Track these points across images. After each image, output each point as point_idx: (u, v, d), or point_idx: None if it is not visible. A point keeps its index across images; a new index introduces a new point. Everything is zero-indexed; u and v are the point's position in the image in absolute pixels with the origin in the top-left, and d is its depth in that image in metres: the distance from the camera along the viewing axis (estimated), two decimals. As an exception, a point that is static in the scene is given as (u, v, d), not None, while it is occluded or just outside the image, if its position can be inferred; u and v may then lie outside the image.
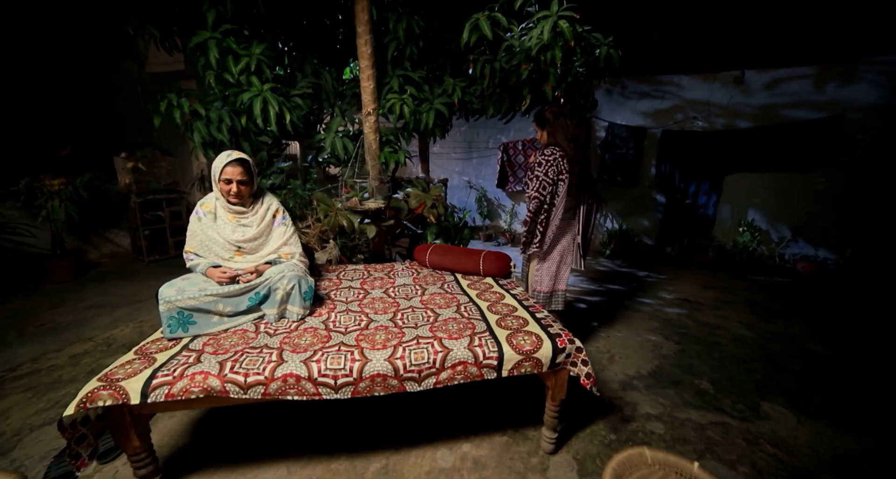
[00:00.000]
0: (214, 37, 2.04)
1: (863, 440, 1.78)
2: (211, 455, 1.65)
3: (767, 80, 4.46)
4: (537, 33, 1.80)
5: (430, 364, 1.40)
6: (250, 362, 1.34)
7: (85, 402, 1.17)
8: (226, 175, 1.67)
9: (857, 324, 3.10)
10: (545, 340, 1.51)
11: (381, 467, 1.61)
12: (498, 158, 6.07)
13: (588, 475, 1.59)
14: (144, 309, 3.14)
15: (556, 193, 2.11)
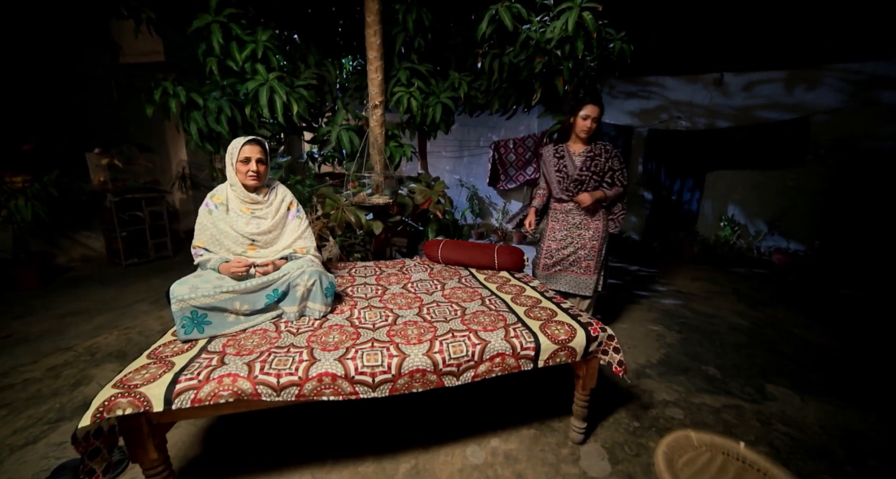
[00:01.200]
0: (218, 20, 1.91)
1: (865, 416, 1.89)
2: (225, 465, 1.54)
3: (744, 82, 4.72)
4: (561, 24, 1.81)
5: (468, 357, 1.36)
6: (280, 362, 1.26)
7: (101, 412, 1.06)
8: (244, 153, 1.58)
9: (835, 310, 3.32)
10: (578, 329, 1.51)
11: (410, 467, 1.56)
12: (489, 157, 6.08)
13: (619, 462, 1.60)
14: (128, 315, 2.92)
15: None
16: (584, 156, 2.25)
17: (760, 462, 1.15)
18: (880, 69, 4.22)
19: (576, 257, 2.35)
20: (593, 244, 2.32)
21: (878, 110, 4.29)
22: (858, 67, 4.31)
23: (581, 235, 2.33)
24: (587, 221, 2.33)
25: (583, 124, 2.13)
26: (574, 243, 2.34)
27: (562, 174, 2.29)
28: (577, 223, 2.34)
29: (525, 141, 5.80)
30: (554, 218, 2.40)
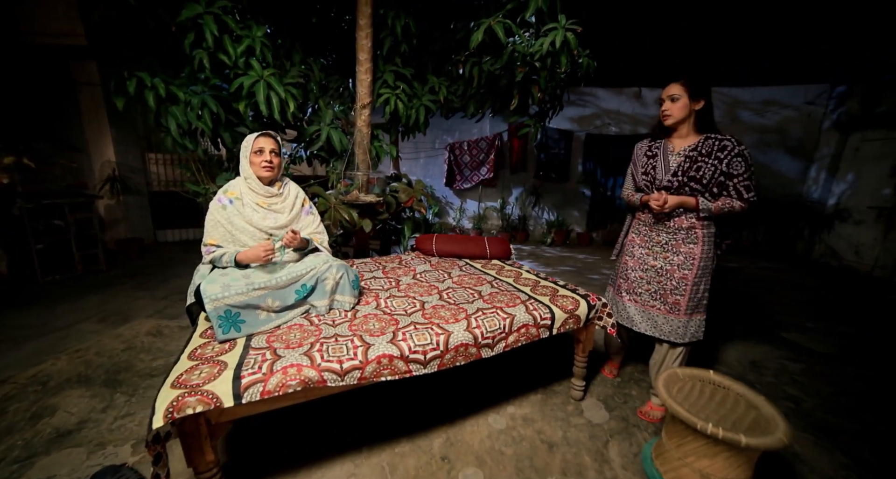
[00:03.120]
0: (212, 12, 1.80)
1: (782, 352, 2.50)
2: (260, 463, 1.51)
3: (656, 96, 5.60)
4: (549, 41, 2.08)
5: (500, 329, 1.54)
6: (335, 350, 1.30)
7: (172, 412, 1.02)
8: (258, 145, 1.57)
9: (748, 283, 4.19)
10: (580, 300, 1.78)
11: (443, 441, 1.69)
12: (445, 159, 6.32)
13: (613, 409, 1.91)
14: (72, 337, 2.52)
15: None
16: (685, 155, 1.64)
17: (723, 381, 1.52)
18: (739, 94, 5.40)
19: (659, 287, 1.73)
20: (684, 274, 1.67)
21: (739, 126, 5.48)
22: (727, 91, 5.45)
23: (669, 259, 1.70)
24: (677, 243, 1.68)
25: (661, 109, 1.68)
26: (656, 269, 1.73)
27: (648, 178, 1.72)
28: (664, 243, 1.72)
29: (479, 143, 6.15)
30: (636, 230, 1.83)
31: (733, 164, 1.57)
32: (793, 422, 1.82)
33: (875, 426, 1.83)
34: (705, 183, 1.60)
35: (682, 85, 1.64)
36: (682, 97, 1.64)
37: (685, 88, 1.63)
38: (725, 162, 1.58)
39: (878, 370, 2.34)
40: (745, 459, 1.27)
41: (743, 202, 1.59)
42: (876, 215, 4.47)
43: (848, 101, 4.93)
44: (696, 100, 1.64)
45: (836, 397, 2.05)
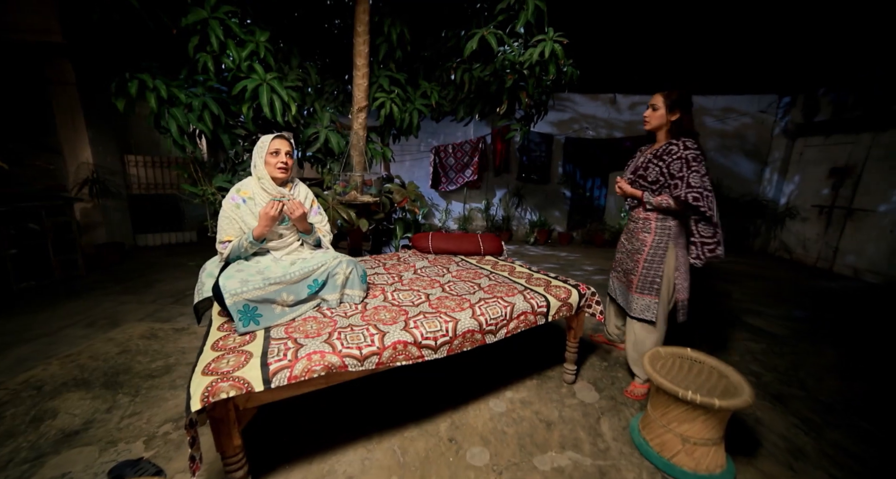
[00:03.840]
0: (218, 17, 1.83)
1: (746, 334, 2.76)
2: (279, 453, 1.57)
3: (629, 102, 5.99)
4: (539, 51, 2.25)
5: (503, 317, 1.68)
6: (353, 338, 1.39)
7: (207, 396, 1.08)
8: (274, 146, 1.64)
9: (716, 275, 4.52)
10: (572, 289, 1.94)
11: (449, 424, 1.80)
12: (430, 161, 6.44)
13: (602, 390, 2.08)
14: (60, 343, 2.45)
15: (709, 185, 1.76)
16: (648, 157, 1.90)
17: (699, 356, 1.72)
18: (703, 101, 5.84)
19: (626, 266, 2.04)
20: (636, 258, 1.95)
21: (703, 130, 5.92)
22: (693, 99, 5.87)
23: (632, 243, 2.00)
24: (637, 230, 1.97)
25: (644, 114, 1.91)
26: (624, 249, 2.07)
27: (626, 173, 2.04)
28: (631, 230, 2.02)
29: (463, 146, 6.31)
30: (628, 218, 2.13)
31: (673, 166, 1.78)
32: (756, 391, 2.05)
33: (818, 392, 2.10)
34: (650, 181, 1.87)
35: (662, 97, 1.87)
36: (661, 108, 1.87)
37: (664, 100, 1.86)
38: (667, 163, 1.79)
39: (821, 346, 2.64)
40: (718, 420, 1.45)
41: (673, 199, 1.80)
42: (818, 213, 4.96)
43: (792, 110, 5.45)
44: (673, 112, 1.85)
45: (790, 370, 2.32)
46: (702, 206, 1.73)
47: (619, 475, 1.51)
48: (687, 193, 1.74)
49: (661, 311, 1.96)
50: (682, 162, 1.76)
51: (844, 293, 3.92)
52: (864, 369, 2.35)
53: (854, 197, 4.53)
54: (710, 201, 1.75)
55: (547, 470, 1.53)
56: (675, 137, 1.84)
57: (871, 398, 2.05)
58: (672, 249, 1.90)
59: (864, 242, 4.40)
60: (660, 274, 1.91)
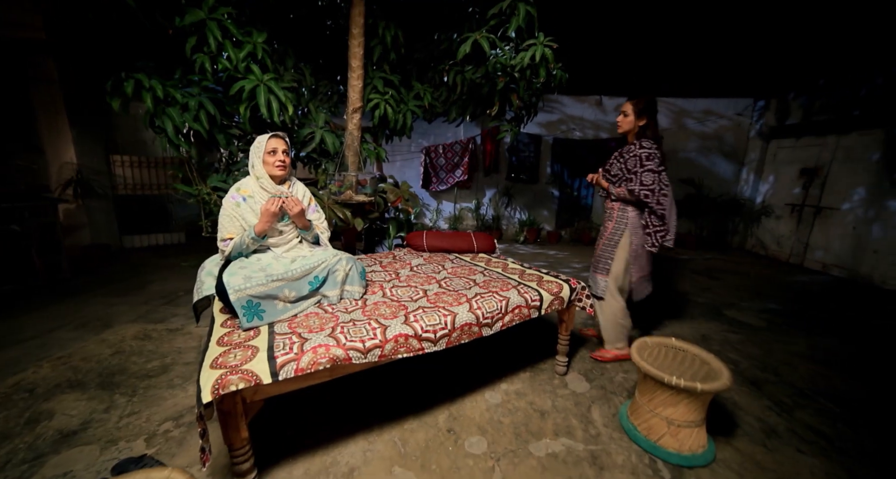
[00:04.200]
0: (216, 18, 1.84)
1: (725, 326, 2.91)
2: (283, 447, 1.60)
3: (615, 104, 6.16)
4: (529, 55, 2.33)
5: (498, 310, 1.75)
6: (356, 332, 1.44)
7: (218, 388, 1.12)
8: (271, 145, 1.66)
9: (696, 272, 4.70)
10: (563, 284, 2.03)
11: (447, 416, 1.86)
12: (421, 161, 6.50)
13: (592, 381, 2.18)
14: (51, 345, 2.41)
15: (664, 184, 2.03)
16: (615, 154, 2.20)
17: (682, 345, 1.83)
18: (684, 104, 6.07)
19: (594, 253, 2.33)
20: (598, 242, 2.30)
21: (685, 132, 6.15)
22: (674, 102, 6.10)
23: (600, 229, 2.32)
24: (605, 219, 2.27)
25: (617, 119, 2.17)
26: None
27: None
28: (603, 220, 2.32)
29: (453, 146, 6.39)
30: None
31: (629, 162, 2.08)
32: (734, 378, 2.18)
33: (790, 377, 2.24)
34: (613, 175, 2.20)
35: (632, 105, 2.11)
36: (630, 115, 2.12)
37: (633, 107, 2.11)
38: (626, 160, 2.10)
39: (793, 336, 2.81)
40: (700, 403, 1.56)
41: (627, 191, 2.09)
42: (790, 211, 5.22)
43: (766, 113, 5.71)
44: (640, 118, 2.10)
45: (764, 358, 2.46)
46: (650, 201, 2.04)
47: (609, 459, 1.60)
48: (640, 190, 2.05)
49: (610, 287, 2.25)
50: (636, 159, 2.05)
51: (814, 287, 4.14)
52: (830, 356, 2.52)
53: (822, 196, 4.79)
54: (660, 197, 2.03)
55: (542, 456, 1.61)
56: (640, 139, 2.09)
57: (836, 382, 2.20)
58: (627, 235, 2.18)
59: (830, 238, 4.65)
60: (612, 256, 2.22)
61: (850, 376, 2.27)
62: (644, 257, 2.21)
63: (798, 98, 5.23)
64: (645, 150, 2.03)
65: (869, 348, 2.65)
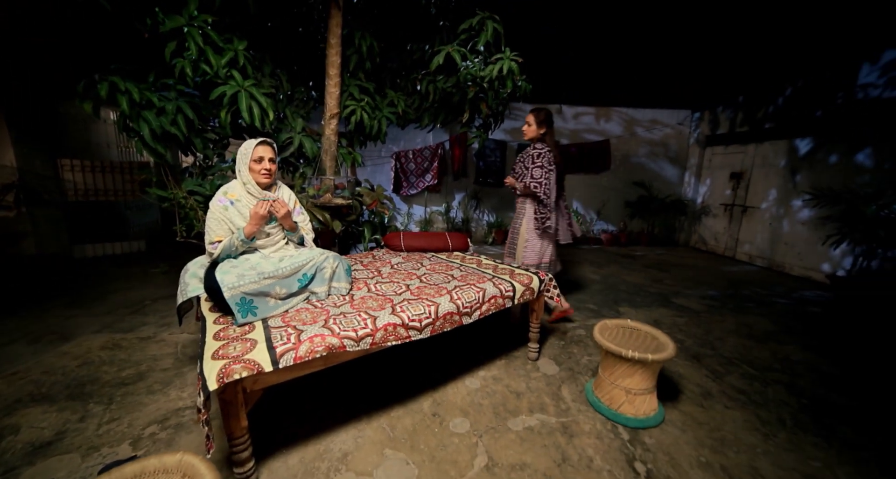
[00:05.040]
0: (200, 25, 1.85)
1: (673, 311, 3.28)
2: (277, 437, 1.65)
3: (574, 113, 6.63)
4: (498, 67, 2.54)
5: (476, 300, 1.91)
6: (348, 322, 1.54)
7: (222, 377, 1.18)
8: (258, 153, 1.70)
9: (647, 264, 5.16)
10: (533, 276, 2.24)
11: (431, 402, 1.99)
12: (392, 166, 6.59)
13: (561, 364, 2.40)
14: (3, 360, 2.25)
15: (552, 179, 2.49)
16: (521, 156, 2.67)
17: (636, 325, 2.09)
18: (634, 113, 6.67)
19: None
20: (509, 233, 2.82)
21: (636, 139, 6.76)
22: (626, 111, 6.69)
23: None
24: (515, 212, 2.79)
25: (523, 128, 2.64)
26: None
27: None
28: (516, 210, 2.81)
29: (423, 152, 6.54)
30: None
31: (526, 161, 2.59)
32: (680, 354, 2.50)
33: (722, 349, 2.61)
34: (516, 172, 2.69)
35: (534, 116, 2.57)
36: (533, 125, 2.58)
37: (535, 119, 2.57)
38: (523, 160, 2.61)
39: (725, 316, 3.23)
40: (652, 372, 1.81)
41: (525, 186, 2.55)
42: (724, 210, 5.89)
43: (702, 124, 6.42)
44: (541, 127, 2.57)
45: (703, 336, 2.83)
46: (539, 192, 2.52)
47: (578, 428, 1.81)
48: (531, 182, 2.54)
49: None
50: (530, 158, 2.55)
51: (742, 275, 4.72)
52: (751, 330, 2.94)
53: (746, 197, 5.47)
54: (546, 188, 2.51)
55: (520, 430, 1.78)
56: (538, 143, 2.59)
57: (755, 350, 2.60)
58: (525, 224, 2.68)
59: (754, 233, 5.32)
60: (515, 242, 2.73)
61: (763, 345, 2.68)
62: (536, 243, 2.66)
63: (725, 111, 5.94)
64: (537, 150, 2.53)
65: (777, 323, 3.12)
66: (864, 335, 2.94)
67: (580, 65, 5.15)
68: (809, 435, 1.77)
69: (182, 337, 2.56)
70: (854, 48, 3.97)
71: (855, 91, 4.07)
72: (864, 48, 3.94)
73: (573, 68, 5.22)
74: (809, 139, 4.59)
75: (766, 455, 1.64)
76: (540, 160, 2.50)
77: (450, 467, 1.55)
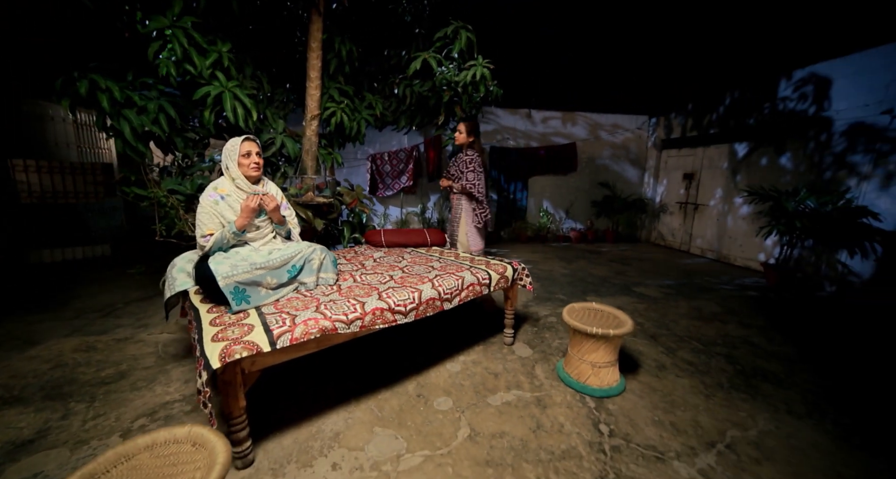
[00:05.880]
0: (182, 26, 1.87)
1: (634, 299, 3.58)
2: (270, 420, 1.72)
3: (542, 117, 6.99)
4: (471, 73, 2.72)
5: (456, 287, 2.07)
6: (338, 308, 1.65)
7: (224, 356, 1.26)
8: (245, 148, 1.78)
9: (610, 259, 5.52)
10: (507, 266, 2.43)
11: (415, 385, 2.12)
12: (367, 168, 6.65)
13: (534, 347, 2.60)
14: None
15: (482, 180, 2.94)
16: (455, 163, 3.08)
17: (600, 307, 2.32)
18: (598, 118, 7.14)
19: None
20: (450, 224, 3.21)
21: (601, 143, 7.22)
22: (590, 116, 7.14)
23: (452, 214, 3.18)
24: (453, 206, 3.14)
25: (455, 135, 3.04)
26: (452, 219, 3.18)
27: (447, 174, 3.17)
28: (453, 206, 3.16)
29: (398, 154, 6.65)
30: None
31: (461, 166, 2.96)
32: (639, 335, 2.78)
33: (676, 329, 2.92)
34: (452, 175, 3.06)
35: (465, 126, 2.93)
36: (464, 133, 2.94)
37: (466, 128, 2.94)
38: (458, 164, 2.97)
39: (679, 302, 3.59)
40: (613, 346, 2.04)
41: (461, 186, 2.93)
42: (679, 208, 6.43)
43: (658, 128, 6.97)
44: (469, 135, 2.95)
45: (660, 319, 3.14)
46: (474, 191, 2.91)
47: (550, 400, 2.00)
48: (466, 184, 2.92)
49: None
50: (464, 163, 2.95)
51: (695, 266, 5.19)
52: (700, 313, 3.29)
53: (697, 195, 6.01)
54: (480, 188, 2.91)
55: (498, 405, 1.95)
56: (470, 149, 3.00)
57: (702, 329, 2.93)
58: (464, 217, 3.02)
59: (704, 228, 5.85)
60: (456, 233, 3.07)
61: (710, 324, 3.03)
62: (476, 233, 3.04)
63: (677, 117, 6.50)
64: (469, 156, 2.94)
65: (722, 305, 3.51)
66: (788, 313, 3.37)
67: (547, 71, 5.47)
68: (741, 393, 2.06)
69: (162, 337, 2.53)
70: (774, 66, 4.52)
71: (777, 103, 4.63)
72: (781, 66, 4.50)
73: (541, 75, 5.54)
74: (746, 144, 5.15)
75: (707, 412, 1.90)
76: (472, 165, 2.92)
77: (436, 438, 1.69)
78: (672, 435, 1.73)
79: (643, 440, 1.70)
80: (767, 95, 4.76)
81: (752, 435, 1.74)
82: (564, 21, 3.40)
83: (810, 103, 4.19)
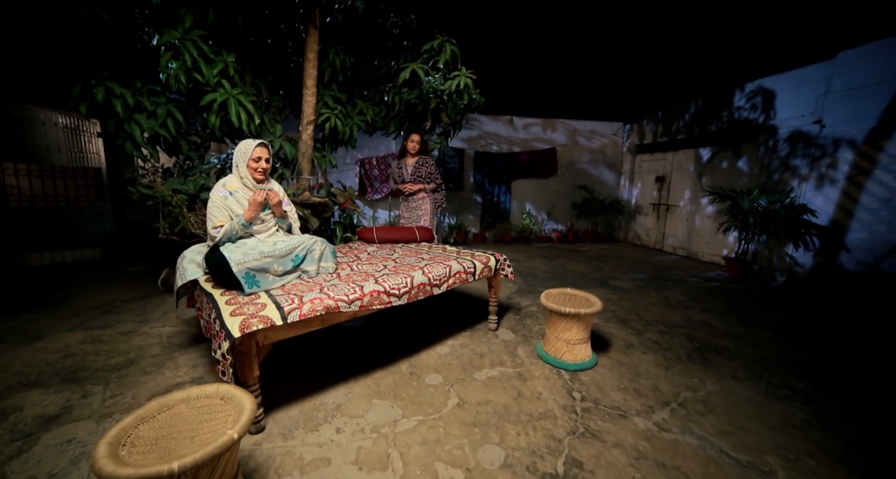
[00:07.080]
0: (191, 39, 2.05)
1: (609, 291, 3.88)
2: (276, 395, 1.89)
3: (524, 123, 7.35)
4: (455, 83, 2.98)
5: (444, 274, 2.30)
6: (340, 290, 1.86)
7: (243, 328, 1.45)
8: (256, 154, 1.98)
9: (585, 257, 5.85)
10: (490, 256, 2.68)
11: (408, 366, 2.33)
12: (356, 172, 6.84)
13: (516, 333, 2.84)
14: (-28, 359, 2.23)
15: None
16: (413, 166, 3.47)
17: (574, 292, 2.59)
18: (577, 125, 7.55)
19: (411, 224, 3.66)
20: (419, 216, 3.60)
21: (579, 148, 7.63)
22: (569, 122, 7.55)
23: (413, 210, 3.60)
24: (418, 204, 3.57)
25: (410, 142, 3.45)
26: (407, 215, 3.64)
27: (399, 178, 3.56)
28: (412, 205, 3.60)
29: (386, 158, 6.88)
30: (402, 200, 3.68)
31: (430, 169, 3.47)
32: (612, 320, 3.06)
33: (645, 315, 3.21)
34: (422, 176, 3.45)
35: (419, 137, 3.40)
36: (418, 144, 3.39)
37: (420, 139, 3.41)
38: (426, 166, 3.46)
39: (649, 293, 3.91)
40: (585, 325, 2.30)
41: (430, 186, 3.48)
42: (652, 209, 6.85)
43: (632, 134, 7.43)
44: (423, 145, 3.45)
45: (632, 307, 3.44)
46: (440, 188, 3.55)
47: (530, 374, 2.23)
48: (435, 181, 3.51)
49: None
50: (433, 166, 3.51)
51: (667, 263, 5.57)
52: (667, 301, 3.61)
53: (669, 197, 6.44)
54: (440, 185, 3.55)
55: (484, 379, 2.17)
56: (423, 155, 3.54)
57: (668, 315, 3.23)
58: (430, 211, 3.49)
59: (676, 227, 6.27)
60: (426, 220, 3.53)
61: (675, 311, 3.34)
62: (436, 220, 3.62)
63: (649, 124, 6.96)
64: (432, 161, 3.52)
65: (687, 295, 3.84)
66: (743, 300, 3.73)
67: (527, 80, 5.82)
68: (696, 365, 2.35)
69: (165, 329, 2.66)
70: (730, 78, 4.98)
71: (734, 112, 5.09)
72: (735, 79, 4.97)
73: (521, 83, 5.88)
74: (709, 149, 5.60)
75: (665, 379, 2.18)
76: (434, 168, 3.55)
77: (428, 407, 1.89)
78: (634, 398, 1.99)
79: (609, 403, 1.95)
80: (726, 105, 5.22)
81: (700, 395, 2.02)
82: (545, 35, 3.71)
83: (760, 113, 4.64)
